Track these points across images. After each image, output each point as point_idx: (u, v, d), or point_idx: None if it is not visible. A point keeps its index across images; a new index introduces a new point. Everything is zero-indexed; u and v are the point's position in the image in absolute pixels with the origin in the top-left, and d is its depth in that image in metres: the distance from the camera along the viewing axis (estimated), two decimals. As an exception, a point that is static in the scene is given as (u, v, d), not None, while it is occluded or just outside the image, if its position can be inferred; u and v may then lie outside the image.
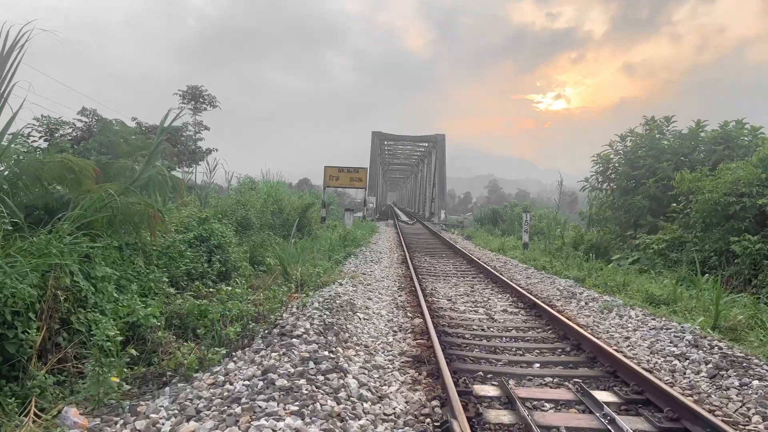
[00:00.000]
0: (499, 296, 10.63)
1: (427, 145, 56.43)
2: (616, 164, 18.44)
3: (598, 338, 7.20)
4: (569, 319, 8.23)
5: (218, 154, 46.19)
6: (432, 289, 11.05)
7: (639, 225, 17.14)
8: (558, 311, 8.81)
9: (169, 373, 5.36)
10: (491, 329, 7.95)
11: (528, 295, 10.04)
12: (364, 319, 7.25)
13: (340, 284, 9.81)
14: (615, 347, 6.77)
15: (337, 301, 7.72)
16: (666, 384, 5.34)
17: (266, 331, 6.12)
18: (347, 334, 6.29)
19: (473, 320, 8.51)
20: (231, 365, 5.13)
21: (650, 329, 7.41)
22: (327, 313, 6.93)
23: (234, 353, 5.63)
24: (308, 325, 6.11)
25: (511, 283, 11.51)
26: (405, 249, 18.92)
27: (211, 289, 8.31)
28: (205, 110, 27.02)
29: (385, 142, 58.90)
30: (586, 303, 9.43)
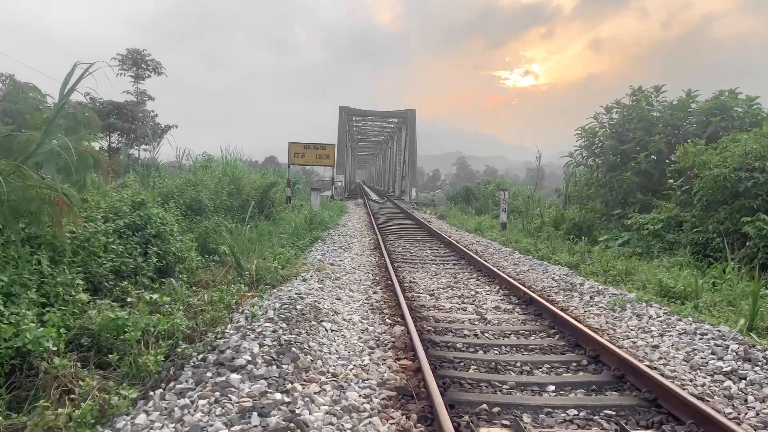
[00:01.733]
0: (488, 288, 9.26)
1: (396, 121, 54.73)
2: (602, 138, 17.20)
3: (619, 347, 5.87)
4: (577, 320, 6.88)
5: (180, 132, 43.69)
6: (410, 281, 9.61)
7: (628, 203, 15.98)
8: (561, 309, 7.47)
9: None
10: (486, 335, 6.56)
11: (521, 287, 8.68)
12: (332, 330, 5.74)
13: (304, 279, 8.28)
14: (646, 361, 5.43)
15: (298, 306, 6.19)
16: (733, 421, 4.02)
17: (200, 357, 4.57)
18: (309, 357, 4.77)
19: (463, 322, 7.11)
20: (141, 417, 3.60)
21: (680, 334, 6.10)
22: (284, 325, 5.40)
23: (152, 392, 4.09)
24: (256, 348, 4.58)
25: (498, 271, 10.14)
26: (377, 232, 17.44)
27: (138, 292, 6.70)
28: (149, 77, 24.70)
29: (354, 118, 57.00)
30: (591, 297, 8.11)
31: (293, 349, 4.73)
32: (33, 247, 6.10)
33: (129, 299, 6.01)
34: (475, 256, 12.21)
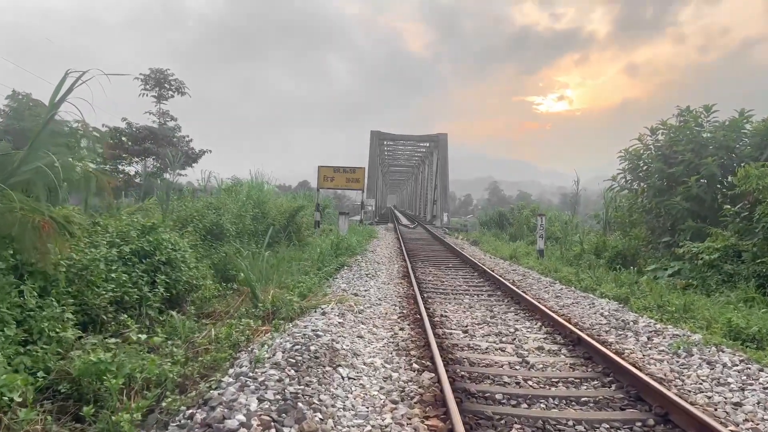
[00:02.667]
0: (528, 325, 8.31)
1: (428, 145, 54.12)
2: (648, 160, 16.10)
3: (692, 403, 4.90)
4: (636, 366, 5.91)
5: (216, 157, 43.83)
6: (442, 315, 8.74)
7: (677, 230, 14.81)
8: (616, 352, 6.50)
9: None
10: (529, 383, 5.64)
11: (567, 324, 7.73)
12: (350, 378, 4.92)
13: (323, 313, 7.49)
14: (730, 425, 4.45)
15: (312, 347, 5.39)
16: None
17: (188, 414, 3.79)
18: (318, 416, 3.96)
19: (502, 366, 6.21)
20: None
21: (766, 389, 5.09)
22: (292, 372, 4.60)
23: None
24: (254, 405, 3.80)
25: (539, 304, 9.20)
26: (406, 258, 16.60)
27: (138, 326, 6.01)
28: (172, 98, 24.52)
29: (385, 143, 56.61)
30: (648, 338, 7.10)
31: (299, 404, 3.93)
32: (23, 276, 5.49)
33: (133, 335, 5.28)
34: (511, 286, 11.27)
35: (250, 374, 4.46)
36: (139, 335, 4.75)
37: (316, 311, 7.66)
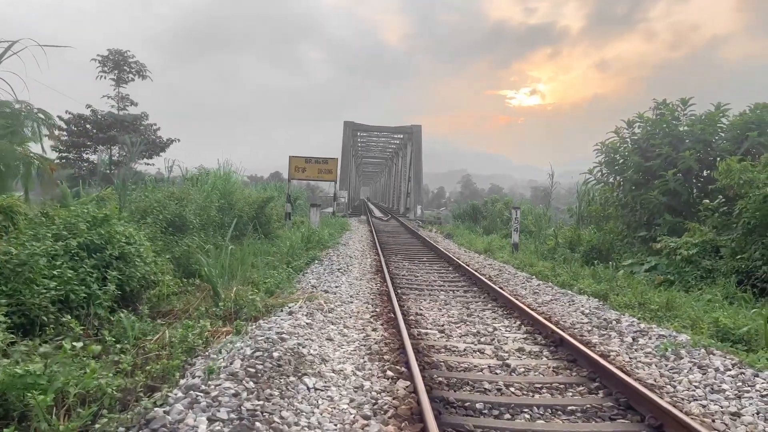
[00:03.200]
0: (507, 323, 7.92)
1: (402, 137, 53.66)
2: (625, 153, 15.89)
3: (688, 413, 4.54)
4: (623, 371, 5.54)
5: (187, 147, 42.55)
6: (417, 313, 8.29)
7: (653, 224, 14.64)
8: (601, 354, 6.13)
9: None
10: (511, 389, 5.23)
11: (547, 323, 7.35)
12: (316, 389, 4.41)
13: (290, 312, 6.96)
14: (732, 439, 4.09)
15: (275, 353, 4.87)
16: None
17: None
18: (278, 437, 3.46)
19: (482, 370, 5.78)
20: None
21: (764, 396, 4.76)
22: (251, 383, 4.09)
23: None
24: (203, 426, 3.28)
25: (517, 302, 8.82)
26: (380, 252, 16.12)
27: (83, 328, 5.42)
28: (132, 81, 23.46)
29: (359, 134, 55.96)
30: (633, 339, 6.75)
31: (257, 424, 3.42)
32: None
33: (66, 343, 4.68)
34: (488, 282, 10.89)
35: (203, 387, 3.93)
36: (74, 343, 4.16)
37: (282, 310, 7.14)
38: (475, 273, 12.10)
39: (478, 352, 6.44)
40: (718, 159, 13.98)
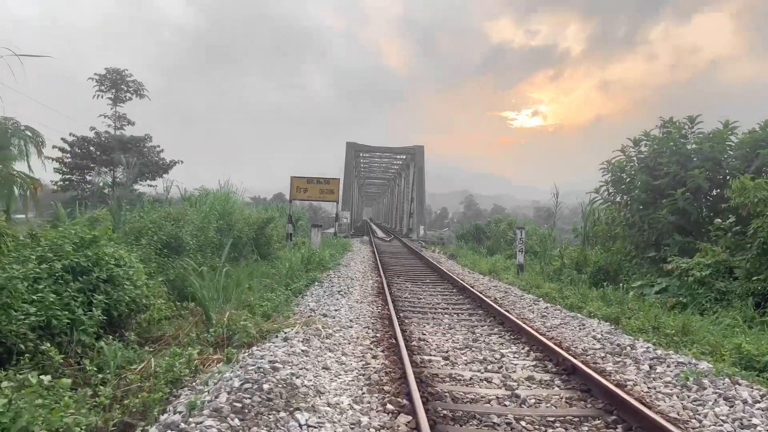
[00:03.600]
0: (515, 349, 7.51)
1: (405, 157, 53.55)
2: (632, 172, 15.57)
3: (718, 453, 4.13)
4: (643, 403, 5.13)
5: (188, 168, 42.43)
6: (420, 338, 7.89)
7: (662, 245, 14.25)
8: (617, 384, 5.72)
9: None
10: (522, 423, 4.82)
11: (558, 349, 6.95)
12: (309, 426, 4.00)
13: (286, 338, 6.58)
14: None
15: (266, 386, 4.48)
16: None
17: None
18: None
19: (490, 402, 5.38)
20: None
21: (800, 433, 4.35)
22: (236, 420, 3.71)
23: None
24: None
25: (525, 326, 8.42)
26: (382, 273, 15.73)
27: (63, 357, 5.06)
28: (130, 100, 23.31)
29: (361, 155, 55.90)
30: (651, 367, 6.34)
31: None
32: None
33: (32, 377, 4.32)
34: (493, 304, 10.49)
35: (182, 426, 3.55)
36: (42, 376, 3.79)
37: (278, 336, 6.76)
38: (480, 295, 11.69)
39: (485, 381, 6.04)
40: (728, 177, 13.67)
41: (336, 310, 9.26)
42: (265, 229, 17.46)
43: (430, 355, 7.04)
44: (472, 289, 12.70)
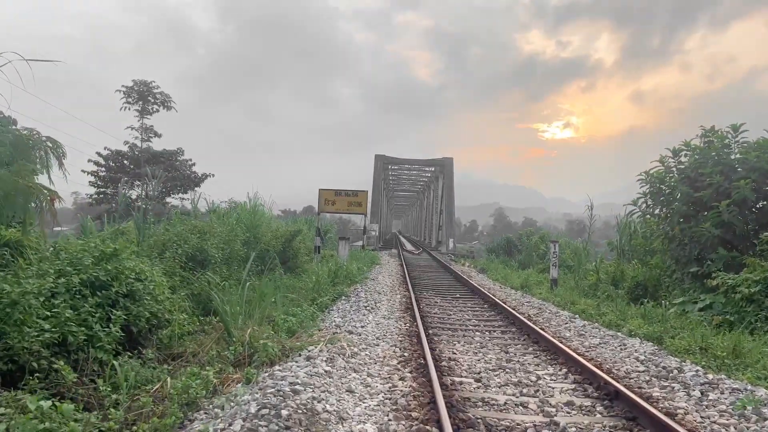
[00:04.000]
0: (551, 371, 7.06)
1: (433, 170, 53.18)
2: (672, 183, 14.91)
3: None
4: (697, 434, 4.66)
5: (220, 182, 42.88)
6: (450, 358, 7.49)
7: (706, 259, 13.56)
8: (666, 412, 5.23)
9: None
10: (564, 456, 4.40)
11: (598, 371, 6.48)
12: (329, 459, 3.70)
13: (308, 357, 6.27)
14: None
15: (285, 411, 4.18)
16: None
17: None
18: None
19: (527, 430, 4.97)
20: None
21: None
22: (249, 454, 3.40)
23: None
24: None
25: (562, 345, 7.95)
26: (410, 288, 15.36)
27: (76, 377, 4.84)
28: (157, 112, 23.44)
29: (390, 167, 55.72)
30: (702, 393, 5.83)
31: None
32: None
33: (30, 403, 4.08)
34: (527, 321, 10.02)
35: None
36: (40, 402, 3.55)
37: (300, 354, 6.45)
38: (513, 311, 11.23)
39: (521, 407, 5.62)
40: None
41: (362, 327, 8.92)
42: (293, 242, 17.27)
43: (461, 376, 6.64)
44: (504, 305, 12.23)
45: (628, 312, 11.92)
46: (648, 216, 15.75)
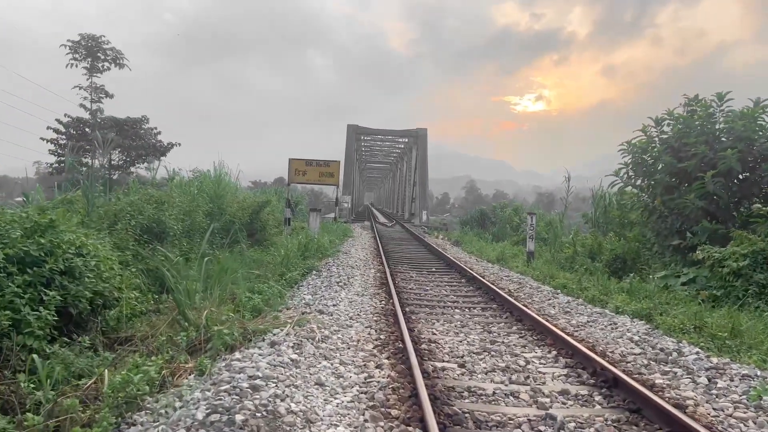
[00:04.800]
0: (540, 353, 6.49)
1: (407, 140, 52.31)
2: (654, 154, 14.44)
3: None
4: (710, 430, 4.11)
5: (189, 151, 41.31)
6: (430, 340, 6.85)
7: (689, 232, 13.18)
8: (675, 404, 4.68)
9: None
10: (566, 459, 3.80)
11: (591, 354, 5.91)
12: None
13: (273, 341, 5.55)
14: None
15: (239, 415, 3.46)
16: None
17: None
18: None
19: (520, 426, 4.35)
20: None
21: None
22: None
23: None
24: None
25: (548, 324, 7.39)
26: (384, 261, 14.69)
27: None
28: (108, 70, 21.91)
29: (363, 137, 54.66)
30: (709, 380, 5.30)
31: None
32: None
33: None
34: (509, 297, 9.46)
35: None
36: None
37: (264, 339, 5.73)
38: (492, 286, 10.67)
39: (511, 397, 5.01)
40: (760, 160, 12.62)
41: (334, 305, 8.22)
42: (260, 213, 16.39)
43: (444, 361, 6.01)
44: (482, 279, 11.67)
45: (610, 287, 11.48)
46: (630, 187, 15.30)
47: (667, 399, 4.80)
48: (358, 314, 7.83)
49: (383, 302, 9.02)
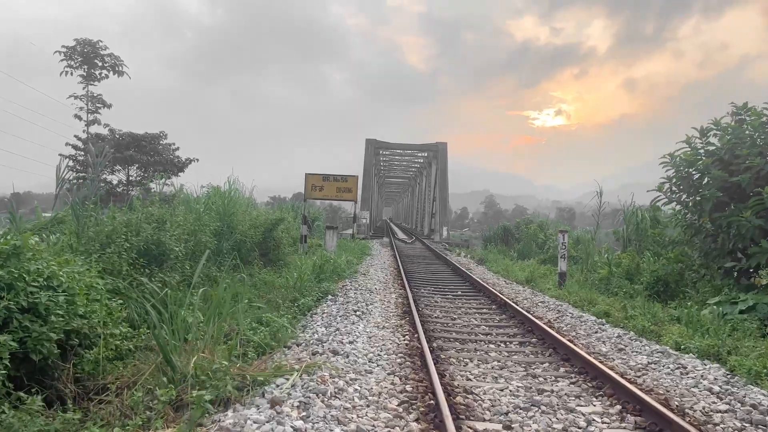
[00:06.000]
0: (600, 408, 5.31)
1: (426, 155, 51.28)
2: (701, 168, 13.19)
3: None
4: None
5: (207, 167, 40.90)
6: (465, 389, 5.70)
7: (743, 254, 11.90)
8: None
9: None
10: None
11: (668, 413, 4.74)
12: None
13: (274, 399, 4.47)
14: None
15: None
16: None
17: None
18: None
19: None
20: None
21: None
22: None
23: None
24: None
25: (604, 368, 6.19)
26: (406, 284, 13.56)
27: None
28: (106, 78, 21.06)
29: (381, 152, 53.75)
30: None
31: None
32: None
33: None
34: (549, 330, 8.29)
35: None
36: None
37: (265, 394, 4.66)
38: (528, 315, 9.50)
39: (577, 478, 3.87)
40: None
41: (350, 342, 7.12)
42: (274, 231, 15.43)
43: (485, 419, 4.88)
44: (516, 306, 10.49)
45: (659, 314, 10.28)
46: (675, 204, 14.01)
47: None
48: (379, 355, 6.71)
49: (407, 337, 7.88)
